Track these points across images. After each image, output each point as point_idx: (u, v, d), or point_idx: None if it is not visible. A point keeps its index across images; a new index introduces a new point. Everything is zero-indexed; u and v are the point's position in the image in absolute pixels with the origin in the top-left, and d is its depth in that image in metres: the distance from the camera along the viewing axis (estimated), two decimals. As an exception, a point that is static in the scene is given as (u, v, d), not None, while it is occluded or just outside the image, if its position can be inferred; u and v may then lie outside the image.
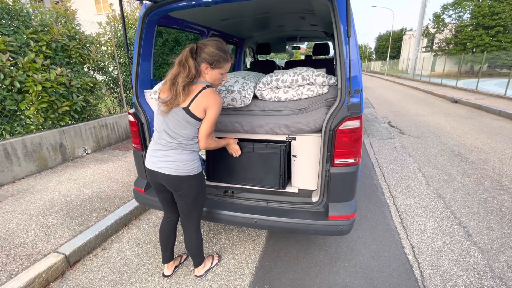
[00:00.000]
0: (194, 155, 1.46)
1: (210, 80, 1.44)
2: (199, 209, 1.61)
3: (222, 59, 1.40)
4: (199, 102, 1.35)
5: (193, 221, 1.61)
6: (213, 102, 1.35)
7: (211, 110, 1.36)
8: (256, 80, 1.96)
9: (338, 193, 1.70)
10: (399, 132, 5.59)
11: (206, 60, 1.37)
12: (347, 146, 1.61)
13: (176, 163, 1.42)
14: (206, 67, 1.39)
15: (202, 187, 1.56)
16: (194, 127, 1.40)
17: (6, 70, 3.04)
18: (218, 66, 1.41)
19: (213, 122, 1.40)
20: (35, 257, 1.93)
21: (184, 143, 1.42)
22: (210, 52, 1.36)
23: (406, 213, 2.60)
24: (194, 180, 1.48)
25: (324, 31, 3.76)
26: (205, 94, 1.35)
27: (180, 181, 1.45)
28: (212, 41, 1.39)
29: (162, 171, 1.44)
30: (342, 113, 1.59)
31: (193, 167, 1.46)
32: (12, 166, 3.20)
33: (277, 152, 1.77)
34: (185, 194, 1.50)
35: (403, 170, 3.62)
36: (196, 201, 1.55)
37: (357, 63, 1.58)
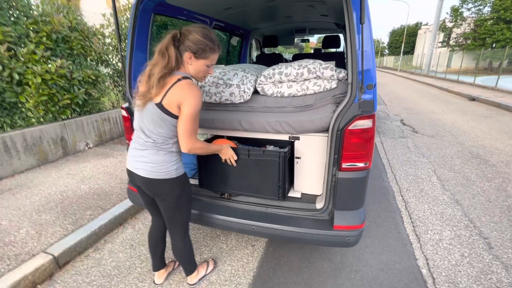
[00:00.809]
0: (171, 156, 1.30)
1: (193, 72, 1.28)
2: (184, 214, 1.46)
3: (209, 48, 1.23)
4: (172, 96, 1.18)
5: (178, 227, 1.47)
6: (187, 96, 1.17)
7: (185, 105, 1.17)
8: (257, 74, 1.79)
9: (345, 200, 1.53)
10: (412, 130, 5.31)
11: (190, 48, 1.20)
12: (357, 148, 1.43)
13: (152, 164, 1.27)
14: (190, 57, 1.22)
15: (185, 190, 1.39)
16: (171, 125, 1.23)
17: (5, 61, 2.96)
18: (204, 56, 1.24)
19: (191, 120, 1.19)
20: (23, 257, 1.85)
21: (159, 143, 1.26)
22: (195, 40, 1.19)
23: (420, 220, 2.40)
24: (173, 184, 1.32)
25: (335, 22, 3.52)
26: (179, 86, 1.17)
27: (156, 184, 1.30)
28: (198, 28, 1.22)
29: (138, 172, 1.30)
30: (352, 111, 1.40)
31: (170, 170, 1.29)
32: (12, 159, 3.15)
33: (275, 159, 1.57)
34: (164, 199, 1.36)
35: (416, 172, 3.39)
36: (178, 206, 1.40)
37: (370, 55, 1.39)
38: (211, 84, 1.73)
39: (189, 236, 1.56)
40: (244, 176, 1.67)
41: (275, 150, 1.57)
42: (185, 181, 1.40)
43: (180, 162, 1.36)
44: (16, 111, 3.35)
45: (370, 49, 1.39)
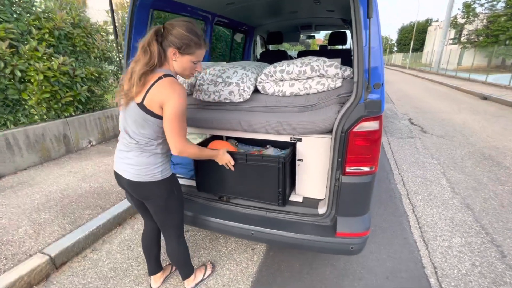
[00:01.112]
0: (155, 158, 1.22)
1: (179, 70, 1.21)
2: (175, 217, 1.39)
3: (194, 43, 1.15)
4: (153, 96, 1.10)
5: (171, 229, 1.41)
6: (169, 95, 1.08)
7: (168, 106, 1.09)
8: (258, 72, 1.71)
9: (348, 206, 1.45)
10: (420, 130, 5.16)
11: (173, 43, 1.13)
12: (362, 151, 1.35)
13: (135, 167, 1.20)
14: (174, 53, 1.15)
15: (173, 192, 1.32)
16: (155, 126, 1.15)
17: (7, 58, 2.95)
18: (188, 52, 1.16)
19: (176, 120, 1.11)
20: (20, 257, 1.83)
21: (143, 144, 1.19)
22: (178, 34, 1.12)
23: (428, 225, 2.29)
24: (159, 187, 1.25)
25: (341, 18, 3.41)
26: (160, 85, 1.09)
27: (142, 188, 1.24)
28: (181, 22, 1.15)
29: (124, 175, 1.24)
30: (357, 112, 1.31)
31: (154, 172, 1.22)
32: (14, 157, 3.15)
33: (274, 165, 1.48)
34: (152, 202, 1.30)
35: (425, 174, 3.27)
36: (168, 209, 1.34)
37: (378, 52, 1.30)
38: (209, 82, 1.66)
39: (184, 239, 1.50)
40: (243, 180, 1.60)
41: (274, 155, 1.49)
42: (173, 183, 1.33)
43: (167, 163, 1.29)
44: (19, 108, 3.35)
45: (378, 45, 1.30)
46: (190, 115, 1.77)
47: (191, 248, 2.06)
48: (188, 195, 1.84)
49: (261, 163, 1.51)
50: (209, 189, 1.75)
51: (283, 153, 1.70)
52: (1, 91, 3.05)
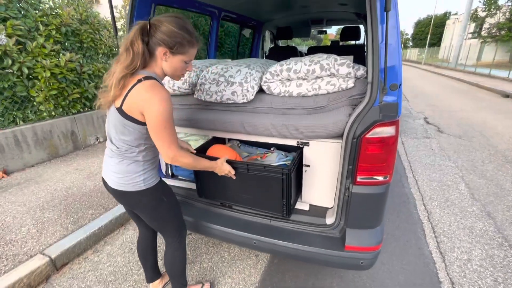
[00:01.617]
0: (136, 166, 1.11)
1: (169, 71, 1.10)
2: (170, 224, 1.30)
3: (187, 41, 1.05)
4: (131, 101, 1.00)
5: (168, 235, 1.33)
6: (149, 101, 0.97)
7: (148, 113, 0.98)
8: (263, 70, 1.60)
9: (359, 218, 1.33)
10: (437, 130, 4.91)
11: (164, 42, 1.02)
12: (375, 159, 1.22)
13: (117, 174, 1.12)
14: (165, 52, 1.04)
15: (161, 201, 1.22)
16: (136, 132, 1.05)
17: (14, 55, 2.95)
18: (181, 51, 1.06)
19: (161, 129, 1.00)
20: (21, 257, 1.81)
21: (123, 151, 1.09)
22: (169, 32, 1.01)
23: (445, 234, 2.14)
24: (143, 197, 1.16)
25: (354, 12, 3.23)
26: (138, 89, 0.99)
27: (125, 197, 1.16)
28: (171, 18, 1.03)
29: (108, 182, 1.16)
30: (371, 115, 1.19)
31: (136, 181, 1.12)
32: (23, 153, 3.18)
33: (278, 176, 1.37)
34: (140, 212, 1.22)
35: (442, 177, 3.09)
36: (159, 218, 1.25)
37: (396, 49, 1.16)
38: (211, 81, 1.57)
39: (183, 244, 1.41)
40: (245, 189, 1.50)
41: (277, 166, 1.37)
42: (161, 191, 1.22)
43: (152, 171, 1.18)
44: (28, 104, 3.36)
45: (396, 42, 1.16)
46: (191, 116, 1.68)
47: (193, 252, 2.00)
48: (188, 199, 1.76)
49: (263, 173, 1.40)
50: (210, 196, 1.67)
51: (289, 158, 1.59)
52: (9, 88, 3.06)
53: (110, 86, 1.01)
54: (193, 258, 1.95)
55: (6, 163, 3.04)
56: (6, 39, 2.87)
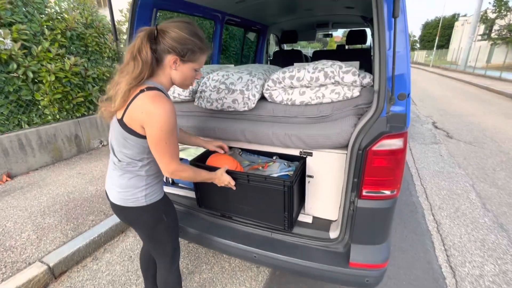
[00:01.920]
0: (138, 181, 1.05)
1: (178, 80, 1.04)
2: (166, 246, 1.23)
3: (198, 48, 0.99)
4: (132, 113, 0.93)
5: (161, 258, 1.26)
6: (150, 113, 0.90)
7: (149, 127, 0.92)
8: (265, 77, 1.55)
9: (364, 233, 1.26)
10: (446, 135, 4.78)
11: (174, 50, 0.95)
12: (382, 173, 1.16)
13: (117, 188, 1.07)
14: (175, 61, 0.98)
15: (161, 220, 1.14)
16: (138, 146, 0.99)
17: (20, 60, 2.97)
18: (192, 59, 1.00)
19: (162, 143, 0.95)
20: (19, 265, 1.79)
21: (125, 164, 1.03)
22: (180, 38, 0.95)
23: (455, 247, 2.05)
24: (143, 214, 1.09)
25: (361, 16, 3.16)
26: (139, 101, 0.92)
27: (124, 213, 1.10)
28: (181, 23, 0.97)
29: (109, 196, 1.11)
30: (378, 127, 1.13)
31: (137, 197, 1.05)
32: (27, 157, 3.19)
33: (279, 189, 1.31)
34: (137, 229, 1.17)
35: (451, 186, 2.98)
36: (156, 239, 1.19)
37: (405, 57, 1.10)
38: (212, 89, 1.53)
39: (177, 268, 1.34)
40: (245, 200, 1.45)
41: (279, 178, 1.31)
42: (163, 209, 1.15)
43: (155, 186, 1.10)
44: (33, 108, 3.38)
45: (404, 48, 1.11)
46: (191, 123, 1.64)
47: (193, 262, 1.96)
48: (188, 208, 1.72)
49: (264, 185, 1.34)
50: (210, 206, 1.62)
51: (291, 169, 1.53)
52: (15, 91, 3.08)
53: (114, 97, 0.95)
54: (192, 268, 1.90)
55: (10, 167, 3.05)
56: (11, 44, 2.89)
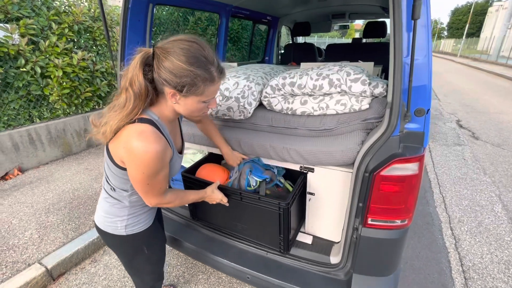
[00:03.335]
0: (120, 210, 0.95)
1: (184, 113, 0.88)
2: (143, 276, 1.14)
3: (201, 80, 0.79)
4: (115, 145, 0.82)
5: (136, 284, 1.18)
6: (131, 153, 0.78)
7: (129, 166, 0.82)
8: (265, 83, 1.40)
9: (368, 264, 1.12)
10: (471, 136, 4.41)
11: (170, 83, 0.78)
12: (391, 200, 1.00)
13: (100, 212, 0.99)
14: (173, 94, 0.81)
15: (141, 252, 1.04)
16: (121, 177, 0.88)
17: (27, 55, 2.96)
18: (195, 92, 0.80)
19: (143, 183, 0.84)
20: (19, 266, 1.81)
21: (109, 189, 0.93)
22: (175, 69, 0.75)
23: (475, 269, 1.85)
24: (121, 243, 1.01)
25: (380, 6, 2.88)
26: (125, 134, 0.79)
27: (102, 235, 1.01)
28: (180, 45, 0.77)
29: (95, 214, 1.03)
30: (388, 147, 0.96)
31: (116, 226, 0.96)
32: (37, 151, 3.25)
33: (274, 209, 1.19)
34: (115, 253, 1.08)
35: (474, 195, 2.73)
36: (132, 267, 1.10)
37: (426, 65, 0.92)
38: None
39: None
40: (239, 218, 1.34)
41: (273, 200, 1.17)
42: (145, 241, 1.04)
43: (139, 217, 1.00)
44: (43, 102, 3.42)
45: (425, 56, 0.92)
46: (186, 130, 1.53)
47: (189, 270, 1.90)
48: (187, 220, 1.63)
49: (258, 204, 1.22)
50: (204, 220, 1.52)
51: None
52: (24, 86, 3.11)
53: (102, 132, 0.82)
54: (189, 277, 1.85)
55: (21, 161, 3.12)
56: (19, 39, 2.89)
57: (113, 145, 0.83)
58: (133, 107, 0.78)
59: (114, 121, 0.78)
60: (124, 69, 0.82)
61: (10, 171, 3.01)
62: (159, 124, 0.85)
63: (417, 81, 0.92)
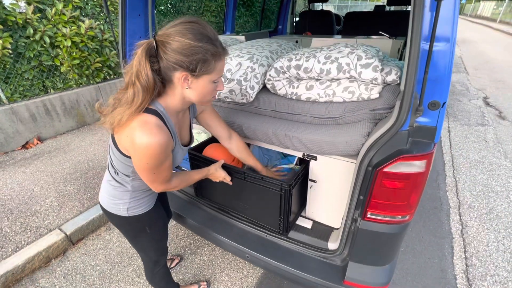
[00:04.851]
0: (122, 194, 0.98)
1: (196, 99, 0.86)
2: (147, 252, 1.20)
3: (211, 55, 0.78)
4: (120, 133, 0.82)
5: (143, 260, 1.27)
6: (135, 145, 0.79)
7: (133, 156, 0.83)
8: (270, 63, 1.32)
9: (365, 254, 1.13)
10: (497, 115, 4.11)
11: (181, 65, 0.76)
12: (393, 196, 0.97)
13: (104, 193, 1.03)
14: (185, 77, 0.79)
15: (143, 232, 1.09)
16: (124, 163, 0.89)
17: (35, 24, 2.92)
18: (207, 70, 0.79)
19: (149, 172, 0.85)
20: (41, 231, 1.97)
21: (113, 172, 0.96)
22: (183, 48, 0.74)
23: (478, 257, 1.84)
24: (124, 223, 1.05)
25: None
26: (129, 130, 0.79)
27: (106, 214, 1.06)
28: (181, 26, 0.75)
29: (100, 193, 1.08)
30: (395, 143, 0.90)
31: (119, 207, 1.00)
32: (53, 122, 3.36)
33: (276, 190, 1.19)
34: (120, 231, 1.14)
35: (490, 181, 2.62)
36: (136, 245, 1.16)
37: (448, 53, 0.81)
38: (208, 75, 1.34)
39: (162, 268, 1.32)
40: (241, 197, 1.36)
41: (276, 180, 1.18)
42: (147, 222, 1.08)
43: (141, 200, 1.03)
44: (55, 72, 3.45)
45: (448, 41, 0.80)
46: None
47: (196, 242, 2.01)
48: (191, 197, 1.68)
49: (260, 184, 1.23)
50: (207, 197, 1.57)
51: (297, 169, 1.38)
52: (35, 57, 3.12)
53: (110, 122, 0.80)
54: (195, 248, 1.96)
55: (40, 131, 3.25)
56: (25, 7, 2.83)
57: (118, 133, 0.84)
58: (141, 101, 0.77)
59: (123, 117, 0.77)
60: (127, 66, 0.79)
61: (30, 140, 3.16)
62: (163, 115, 0.85)
63: (434, 70, 0.83)
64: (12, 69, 2.98)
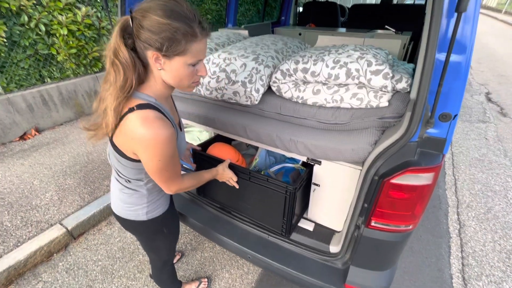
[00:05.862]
0: (140, 199, 0.96)
1: (172, 81, 0.80)
2: (160, 252, 1.22)
3: (181, 34, 0.71)
4: (121, 138, 0.79)
5: (155, 259, 1.28)
6: (141, 143, 0.76)
7: (143, 157, 0.80)
8: (276, 64, 1.28)
9: (367, 260, 1.14)
10: (499, 112, 4.10)
11: (150, 43, 0.71)
12: (398, 206, 0.96)
13: (119, 202, 1.00)
14: (157, 57, 0.74)
15: (161, 232, 1.10)
16: (133, 168, 0.87)
17: (30, 11, 2.82)
18: (178, 51, 0.73)
19: (159, 172, 0.83)
20: (43, 225, 1.98)
21: (124, 181, 0.92)
22: (154, 25, 0.69)
23: (474, 256, 1.88)
24: (143, 227, 1.04)
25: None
26: (128, 124, 0.75)
27: (124, 223, 1.05)
28: (156, 2, 0.70)
29: (112, 205, 1.05)
30: (403, 154, 0.89)
31: (138, 213, 0.99)
32: (51, 112, 3.31)
33: (281, 193, 1.19)
34: (135, 235, 1.15)
35: (489, 179, 2.63)
36: (152, 247, 1.18)
37: (463, 66, 0.78)
38: (212, 75, 1.30)
39: (170, 267, 1.36)
40: (245, 197, 1.36)
41: (281, 182, 1.17)
42: (164, 223, 1.08)
43: (157, 202, 1.02)
44: (52, 61, 3.36)
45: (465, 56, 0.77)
46: (190, 109, 1.48)
47: (197, 238, 2.03)
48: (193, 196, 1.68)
49: (265, 185, 1.22)
50: (209, 196, 1.56)
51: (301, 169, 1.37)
52: (31, 45, 3.02)
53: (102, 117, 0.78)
54: (196, 244, 1.98)
55: (37, 121, 3.20)
56: (19, -8, 2.71)
57: (119, 139, 0.80)
58: (124, 79, 0.73)
59: (110, 100, 0.74)
60: (106, 46, 0.75)
61: (27, 131, 3.12)
62: (159, 106, 0.82)
63: (448, 82, 0.80)
64: (7, 58, 2.89)
